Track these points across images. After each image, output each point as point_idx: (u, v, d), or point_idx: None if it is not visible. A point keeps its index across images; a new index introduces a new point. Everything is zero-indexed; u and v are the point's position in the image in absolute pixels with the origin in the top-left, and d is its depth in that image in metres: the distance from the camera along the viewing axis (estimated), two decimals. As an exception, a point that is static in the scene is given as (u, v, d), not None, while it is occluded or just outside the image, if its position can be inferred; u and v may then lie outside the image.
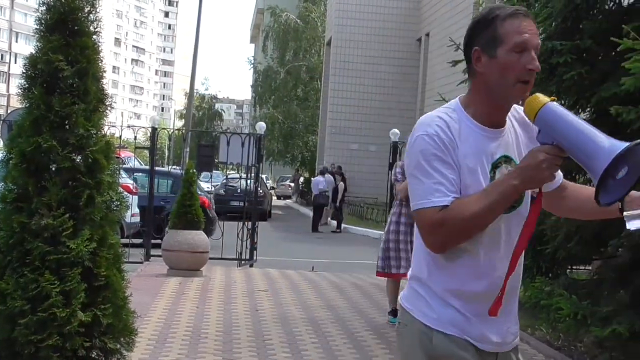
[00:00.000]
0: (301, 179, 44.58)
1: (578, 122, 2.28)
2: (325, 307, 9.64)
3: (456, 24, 28.24)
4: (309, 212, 30.75)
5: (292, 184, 49.45)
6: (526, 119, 2.40)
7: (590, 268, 9.47)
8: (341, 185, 26.70)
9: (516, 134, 2.50)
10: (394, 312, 8.39)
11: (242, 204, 14.40)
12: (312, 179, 31.73)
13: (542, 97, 2.29)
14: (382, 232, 15.28)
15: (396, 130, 14.58)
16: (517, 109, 2.51)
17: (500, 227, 2.40)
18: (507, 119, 2.46)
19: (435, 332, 2.43)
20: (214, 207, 17.28)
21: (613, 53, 7.26)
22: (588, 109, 7.96)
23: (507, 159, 2.43)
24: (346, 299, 10.44)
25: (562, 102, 8.30)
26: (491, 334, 2.46)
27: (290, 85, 45.78)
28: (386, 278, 8.61)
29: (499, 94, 2.35)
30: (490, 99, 2.37)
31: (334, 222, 25.86)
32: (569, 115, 2.29)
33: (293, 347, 7.34)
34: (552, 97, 2.29)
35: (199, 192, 17.95)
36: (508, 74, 2.31)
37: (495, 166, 2.40)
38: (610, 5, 7.80)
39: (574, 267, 9.45)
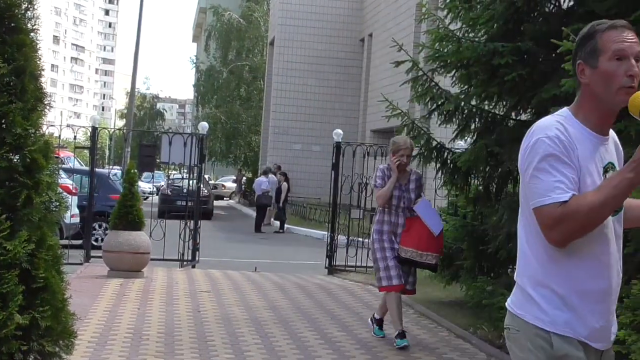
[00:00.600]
0: (244, 179, 44.41)
1: None
2: (268, 308, 9.60)
3: (398, 25, 28.45)
4: (251, 212, 30.64)
5: (226, 185, 49.29)
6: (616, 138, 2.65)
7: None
8: (284, 185, 26.65)
9: (615, 145, 2.70)
10: (380, 322, 8.11)
11: (187, 203, 14.28)
12: (255, 179, 31.61)
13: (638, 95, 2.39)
14: (325, 233, 15.33)
15: (339, 131, 14.58)
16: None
17: (610, 228, 2.55)
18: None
19: (553, 334, 2.53)
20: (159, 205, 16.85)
21: (553, 55, 7.36)
22: (529, 110, 8.07)
23: (612, 166, 2.60)
24: (289, 299, 10.40)
25: (504, 103, 8.41)
26: (602, 331, 2.58)
27: (233, 85, 45.56)
28: (388, 291, 7.67)
29: (605, 101, 2.50)
30: (598, 106, 2.52)
31: (277, 223, 25.80)
32: None
33: (236, 348, 7.29)
34: None
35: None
36: (610, 82, 2.47)
37: (605, 170, 2.56)
38: (551, 8, 7.91)
39: (515, 267, 9.56)
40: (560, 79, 6.05)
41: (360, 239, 13.98)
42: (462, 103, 8.53)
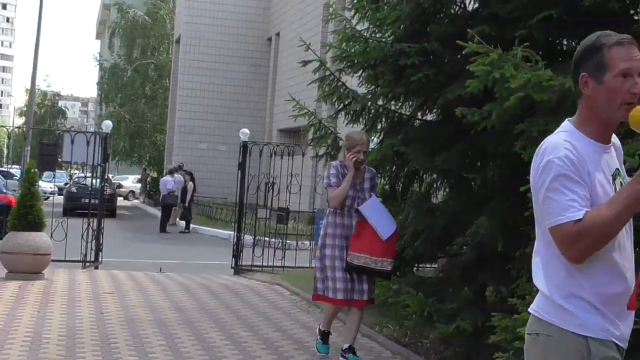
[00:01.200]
0: (148, 179, 43.70)
1: None
2: (173, 309, 9.45)
3: (305, 25, 28.51)
4: (156, 212, 30.19)
5: (123, 183, 48.46)
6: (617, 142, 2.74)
7: (436, 266, 9.72)
8: (190, 185, 26.35)
9: (616, 149, 2.79)
10: (326, 335, 7.32)
11: (91, 201, 13.98)
12: (160, 178, 31.16)
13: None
14: (232, 233, 15.19)
15: (246, 130, 14.50)
16: None
17: (621, 234, 2.62)
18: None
19: (590, 339, 2.60)
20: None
21: (459, 56, 7.46)
22: (435, 110, 8.16)
23: (619, 171, 2.71)
24: (194, 300, 10.27)
25: (410, 103, 8.49)
26: (625, 330, 2.68)
27: (138, 83, 44.78)
28: (326, 302, 7.11)
29: (606, 114, 2.60)
30: (599, 117, 2.62)
31: (183, 223, 25.49)
32: None
33: (140, 350, 7.14)
34: None
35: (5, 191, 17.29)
36: (614, 98, 2.56)
37: (613, 178, 2.66)
38: (456, 9, 8.03)
39: (421, 266, 9.67)
40: (465, 79, 6.13)
41: (267, 239, 13.93)
42: (369, 103, 8.57)
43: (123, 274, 12.63)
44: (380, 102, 8.61)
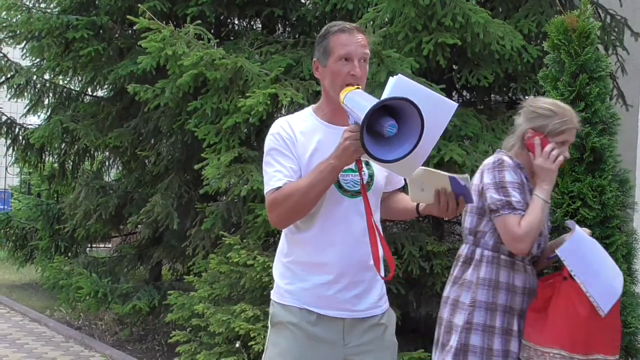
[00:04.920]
0: None
1: (363, 99, 2.50)
2: None
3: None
4: None
5: None
6: None
7: (110, 246, 9.53)
8: None
9: None
10: None
11: None
12: None
13: (348, 88, 2.63)
14: None
15: None
16: None
17: (343, 208, 2.69)
18: None
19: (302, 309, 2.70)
20: None
21: (130, 31, 7.31)
22: (106, 86, 7.94)
23: None
24: None
25: (79, 78, 8.19)
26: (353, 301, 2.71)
27: None
28: None
29: (333, 96, 2.73)
30: (331, 100, 2.75)
31: None
32: (362, 97, 2.54)
33: None
34: (357, 86, 2.64)
35: None
36: (336, 80, 2.71)
37: None
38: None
39: (94, 246, 9.42)
40: (137, 55, 6.01)
41: None
42: (35, 77, 8.15)
43: None
44: (47, 76, 8.22)
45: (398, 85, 2.51)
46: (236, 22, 7.57)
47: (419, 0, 4.88)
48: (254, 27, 7.46)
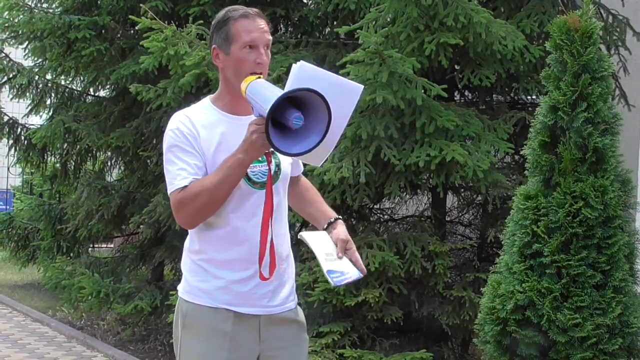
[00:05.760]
0: None
1: (266, 90, 2.43)
2: None
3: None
4: None
5: None
6: None
7: (112, 246, 9.53)
8: None
9: None
10: None
11: None
12: None
13: (249, 78, 2.51)
14: None
15: None
16: None
17: (253, 201, 2.59)
18: None
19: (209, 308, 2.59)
20: None
21: (132, 31, 7.32)
22: (108, 86, 7.95)
23: None
24: None
25: (81, 78, 8.19)
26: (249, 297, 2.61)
27: None
28: None
29: (235, 86, 2.58)
30: (232, 89, 2.63)
31: None
32: (265, 87, 2.45)
33: None
34: (258, 76, 2.53)
35: None
36: (241, 68, 2.58)
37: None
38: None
39: (96, 246, 9.43)
40: (139, 55, 6.01)
41: None
42: (37, 77, 8.15)
43: None
44: (49, 77, 8.23)
45: (302, 73, 2.42)
46: (238, 22, 7.56)
47: (421, 0, 4.88)
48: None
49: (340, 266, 2.54)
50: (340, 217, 2.74)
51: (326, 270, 2.51)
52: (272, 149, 2.37)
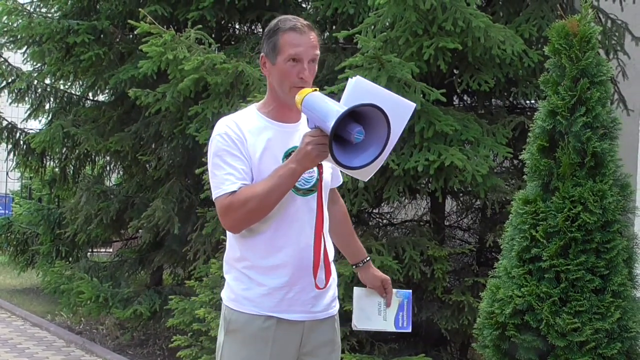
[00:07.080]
0: None
1: (326, 104, 2.44)
2: None
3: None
4: None
5: None
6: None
7: (111, 250, 9.52)
8: None
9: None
10: None
11: None
12: None
13: (305, 90, 2.52)
14: None
15: None
16: None
17: (296, 207, 2.64)
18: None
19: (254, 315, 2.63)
20: None
21: (131, 35, 7.32)
22: (107, 91, 7.95)
23: (295, 149, 2.60)
24: None
25: (80, 82, 8.20)
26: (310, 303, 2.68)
27: None
28: None
29: (280, 95, 2.66)
30: (277, 99, 2.68)
31: None
32: (324, 100, 2.47)
33: None
34: (315, 88, 2.53)
35: None
36: (284, 80, 2.63)
37: (287, 155, 2.62)
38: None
39: (95, 250, 9.42)
40: (138, 60, 6.01)
41: None
42: (35, 81, 8.16)
43: None
44: (47, 81, 8.22)
45: (357, 88, 2.48)
46: (237, 26, 7.57)
47: (420, 4, 4.87)
48: (255, 32, 7.46)
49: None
50: (369, 256, 2.99)
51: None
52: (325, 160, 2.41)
